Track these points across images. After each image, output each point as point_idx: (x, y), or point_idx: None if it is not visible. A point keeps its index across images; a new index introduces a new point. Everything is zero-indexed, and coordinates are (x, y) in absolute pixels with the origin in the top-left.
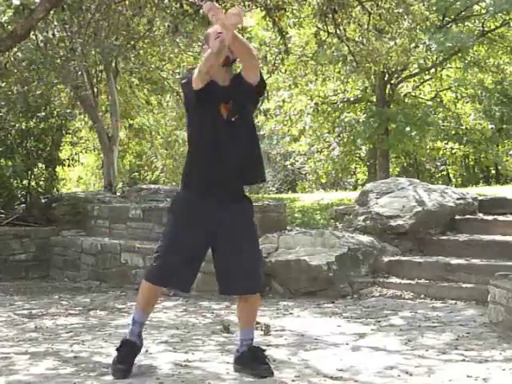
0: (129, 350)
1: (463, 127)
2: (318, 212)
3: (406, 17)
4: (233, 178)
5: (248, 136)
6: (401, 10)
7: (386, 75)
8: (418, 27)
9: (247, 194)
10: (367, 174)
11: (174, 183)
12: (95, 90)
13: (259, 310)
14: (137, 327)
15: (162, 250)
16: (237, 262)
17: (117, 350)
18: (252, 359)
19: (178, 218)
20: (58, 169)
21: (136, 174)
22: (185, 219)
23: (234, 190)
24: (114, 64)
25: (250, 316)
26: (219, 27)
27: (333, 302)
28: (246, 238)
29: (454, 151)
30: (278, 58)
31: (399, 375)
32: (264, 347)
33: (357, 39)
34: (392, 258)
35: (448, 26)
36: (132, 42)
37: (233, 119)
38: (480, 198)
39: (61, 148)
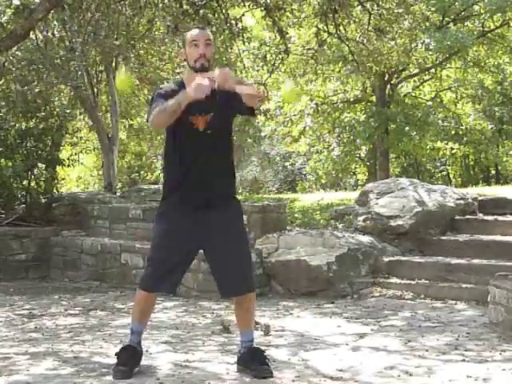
0: (129, 354)
1: (463, 127)
2: (318, 212)
3: (406, 17)
4: (209, 186)
5: (223, 147)
6: (401, 10)
7: (386, 75)
8: (418, 27)
9: (236, 196)
10: (367, 174)
11: None
12: (95, 90)
13: (259, 311)
14: (135, 337)
15: (151, 260)
16: (225, 265)
17: (117, 355)
18: (252, 360)
19: (163, 227)
20: (58, 169)
21: (136, 174)
22: (169, 228)
23: (214, 196)
24: (114, 64)
25: (247, 317)
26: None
27: (333, 302)
28: (234, 241)
29: (453, 151)
30: (277, 57)
31: (399, 375)
32: (264, 348)
33: (357, 39)
34: (392, 258)
35: (448, 26)
36: (132, 42)
37: (209, 132)
38: (480, 198)
39: (61, 148)
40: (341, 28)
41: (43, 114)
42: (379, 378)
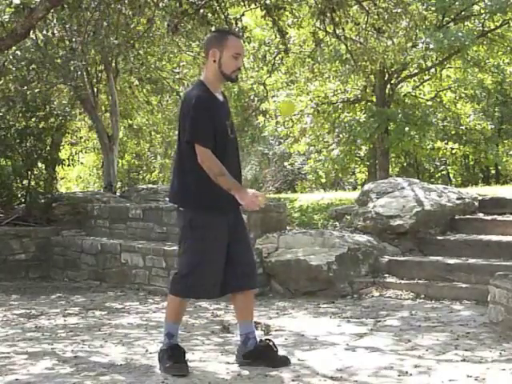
0: (180, 351)
1: (463, 127)
2: (317, 212)
3: (403, 16)
4: None
5: (237, 152)
6: (399, 10)
7: (386, 75)
8: (418, 27)
9: None
10: (367, 173)
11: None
12: (95, 89)
13: (259, 310)
14: (175, 339)
15: (196, 266)
16: (241, 260)
17: (169, 357)
18: (268, 351)
19: (207, 234)
20: (58, 168)
21: (135, 174)
22: (212, 234)
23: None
24: (113, 64)
25: (250, 308)
26: None
27: (333, 302)
28: (246, 238)
29: (453, 151)
30: (277, 57)
31: (399, 375)
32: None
33: (354, 38)
34: (392, 258)
35: (447, 25)
36: (131, 42)
37: (232, 136)
38: (480, 197)
39: (60, 148)
40: (338, 27)
41: (43, 113)
42: (379, 378)
